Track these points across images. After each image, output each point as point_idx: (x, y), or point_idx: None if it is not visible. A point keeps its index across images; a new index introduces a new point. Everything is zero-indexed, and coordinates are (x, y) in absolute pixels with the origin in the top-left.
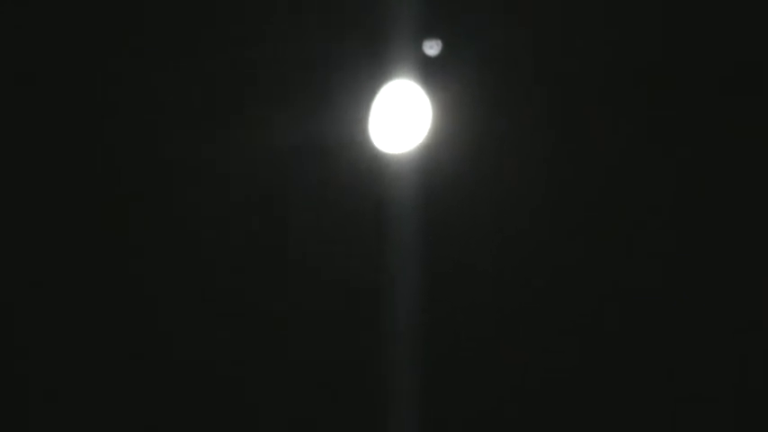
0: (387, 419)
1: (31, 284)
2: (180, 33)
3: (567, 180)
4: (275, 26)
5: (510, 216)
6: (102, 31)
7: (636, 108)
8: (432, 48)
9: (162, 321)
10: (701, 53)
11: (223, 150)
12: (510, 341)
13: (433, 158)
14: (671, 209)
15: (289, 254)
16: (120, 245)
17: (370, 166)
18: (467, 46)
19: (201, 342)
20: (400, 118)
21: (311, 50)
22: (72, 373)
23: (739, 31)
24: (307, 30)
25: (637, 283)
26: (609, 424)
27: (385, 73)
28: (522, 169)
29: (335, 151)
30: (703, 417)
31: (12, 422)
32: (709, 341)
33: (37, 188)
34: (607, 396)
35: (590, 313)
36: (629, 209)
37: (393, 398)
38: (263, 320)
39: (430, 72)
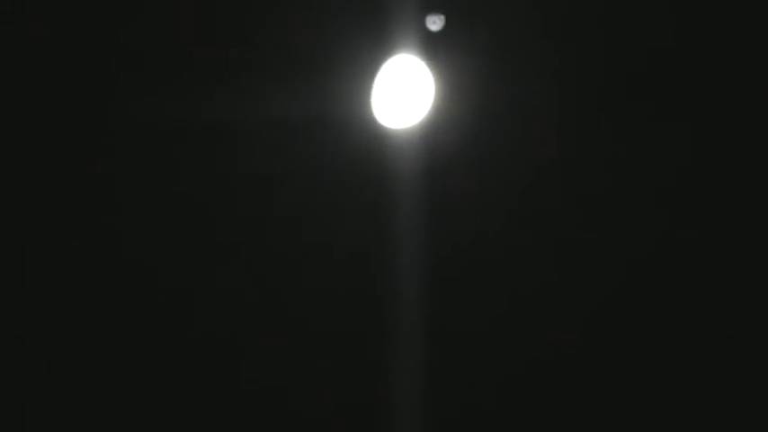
0: (389, 397)
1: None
2: (181, 8)
3: (572, 153)
4: (278, 1)
5: (513, 190)
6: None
7: (640, 86)
8: (434, 23)
9: (159, 297)
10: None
11: (224, 125)
12: (518, 315)
13: (436, 134)
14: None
15: (289, 230)
16: (116, 217)
17: (373, 141)
18: (469, 21)
19: (206, 298)
20: (403, 93)
21: (314, 25)
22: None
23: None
24: (309, 4)
25: (645, 255)
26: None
27: (388, 48)
28: (525, 144)
29: (338, 126)
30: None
31: None
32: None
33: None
34: (615, 375)
35: (599, 285)
36: (635, 181)
37: (396, 374)
38: (261, 295)
39: (433, 47)
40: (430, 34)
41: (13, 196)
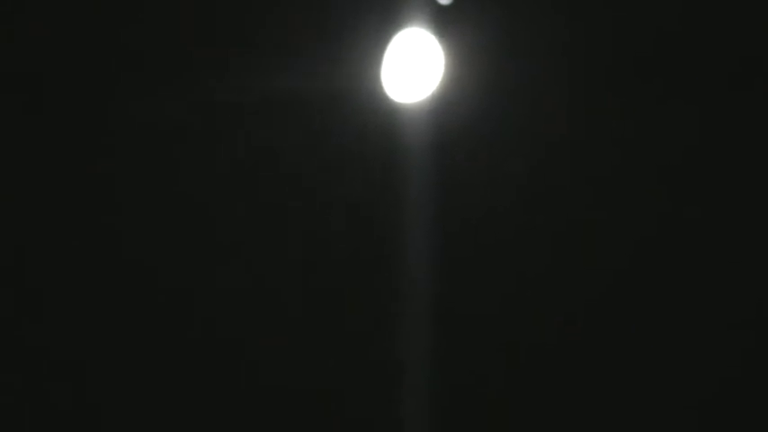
0: (398, 377)
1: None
2: (181, 8)
3: (581, 129)
4: None
5: (522, 166)
6: None
7: (648, 64)
8: None
9: (159, 297)
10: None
11: (232, 99)
12: (527, 291)
13: (446, 108)
14: (686, 161)
15: (298, 206)
16: (116, 217)
17: (383, 115)
18: None
19: (206, 298)
20: (413, 67)
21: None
22: None
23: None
24: None
25: (652, 233)
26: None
27: (397, 22)
28: (534, 120)
29: (347, 101)
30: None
31: None
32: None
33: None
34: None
35: (606, 260)
36: (644, 158)
37: (402, 359)
38: (269, 272)
39: (443, 21)
40: (440, 8)
41: (13, 196)
